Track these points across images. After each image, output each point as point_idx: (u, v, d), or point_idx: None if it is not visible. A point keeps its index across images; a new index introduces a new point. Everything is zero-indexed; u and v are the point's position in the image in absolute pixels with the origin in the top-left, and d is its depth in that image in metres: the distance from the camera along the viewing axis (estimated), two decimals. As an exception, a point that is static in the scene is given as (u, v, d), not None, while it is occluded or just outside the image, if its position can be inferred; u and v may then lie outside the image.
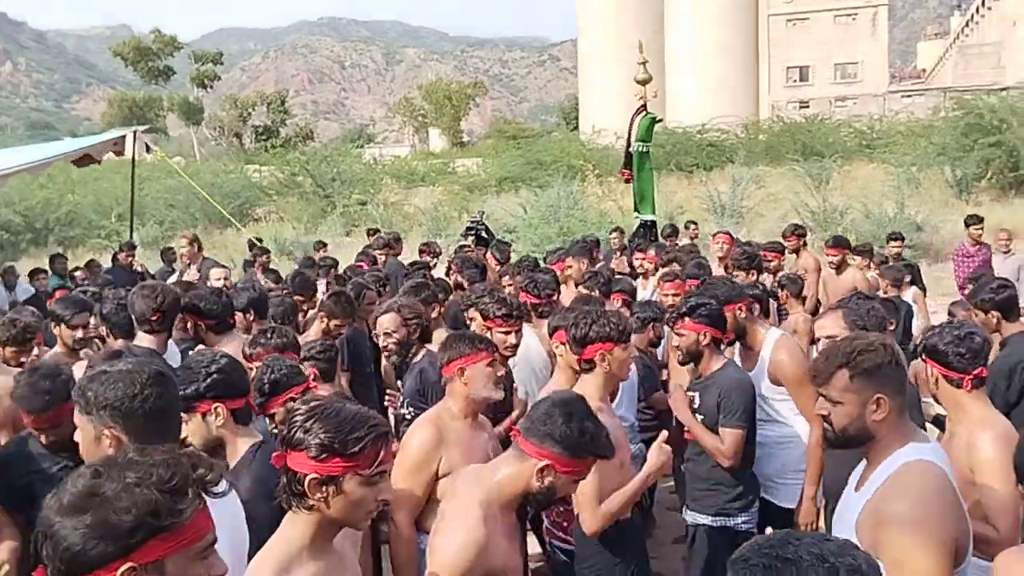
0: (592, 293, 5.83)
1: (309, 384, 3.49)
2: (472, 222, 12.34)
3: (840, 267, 8.21)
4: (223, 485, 1.64)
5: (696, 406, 4.03)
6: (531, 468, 2.52)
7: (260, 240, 11.76)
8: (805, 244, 9.04)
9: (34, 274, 10.52)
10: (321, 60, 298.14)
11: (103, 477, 1.54)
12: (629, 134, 10.66)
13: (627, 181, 10.99)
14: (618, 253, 10.69)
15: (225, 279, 7.93)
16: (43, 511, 1.53)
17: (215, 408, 2.81)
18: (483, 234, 11.65)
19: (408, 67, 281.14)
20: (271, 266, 9.92)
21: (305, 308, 6.58)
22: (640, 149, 10.46)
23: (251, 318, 5.36)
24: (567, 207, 19.79)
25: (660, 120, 11.54)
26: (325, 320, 5.33)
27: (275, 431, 3.25)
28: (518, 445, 2.57)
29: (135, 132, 11.42)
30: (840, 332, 3.62)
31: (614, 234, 11.63)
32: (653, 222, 10.64)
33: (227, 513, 2.23)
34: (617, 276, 6.99)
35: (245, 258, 11.87)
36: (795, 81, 56.91)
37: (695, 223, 13.16)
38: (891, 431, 2.46)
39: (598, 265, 8.19)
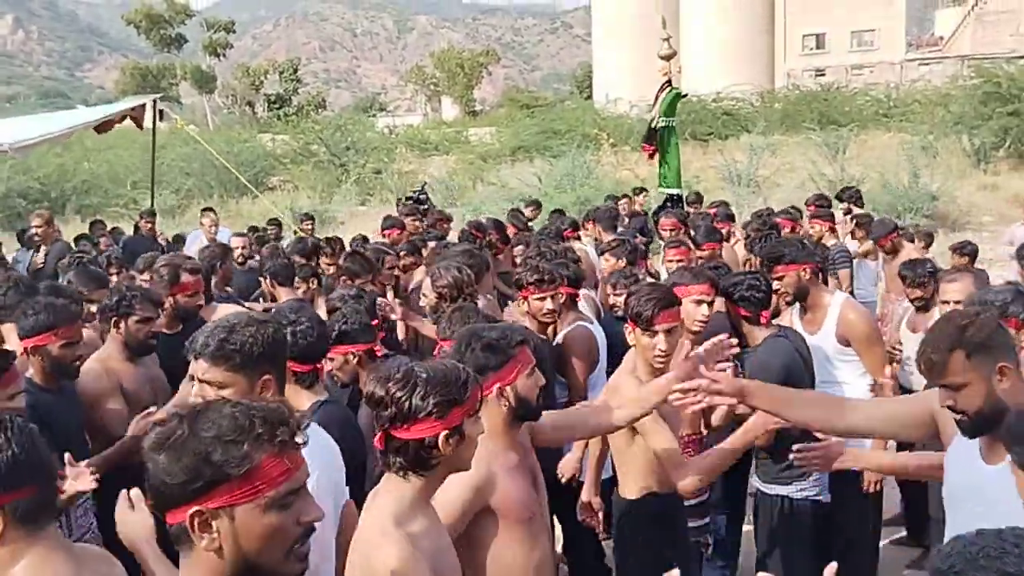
0: (620, 261, 5.83)
1: (373, 345, 3.59)
2: (414, 192, 12.39)
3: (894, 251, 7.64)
4: (302, 435, 1.67)
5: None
6: (490, 401, 2.60)
7: (277, 222, 11.75)
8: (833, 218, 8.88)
9: (78, 240, 10.57)
10: (332, 28, 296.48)
11: (183, 422, 1.61)
12: (653, 109, 10.69)
13: (650, 157, 10.98)
14: (627, 220, 10.75)
15: (243, 247, 8.05)
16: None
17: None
18: (426, 205, 11.74)
19: (420, 35, 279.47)
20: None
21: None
22: (665, 124, 10.49)
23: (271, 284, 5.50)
24: (582, 176, 19.80)
25: (685, 96, 11.54)
26: (348, 281, 5.40)
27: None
28: None
29: (155, 101, 11.47)
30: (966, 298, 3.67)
31: (624, 200, 11.67)
32: (679, 196, 10.68)
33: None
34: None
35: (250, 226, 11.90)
36: (811, 49, 56.26)
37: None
38: (1020, 394, 2.39)
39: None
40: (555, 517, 3.78)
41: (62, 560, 1.91)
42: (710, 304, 4.09)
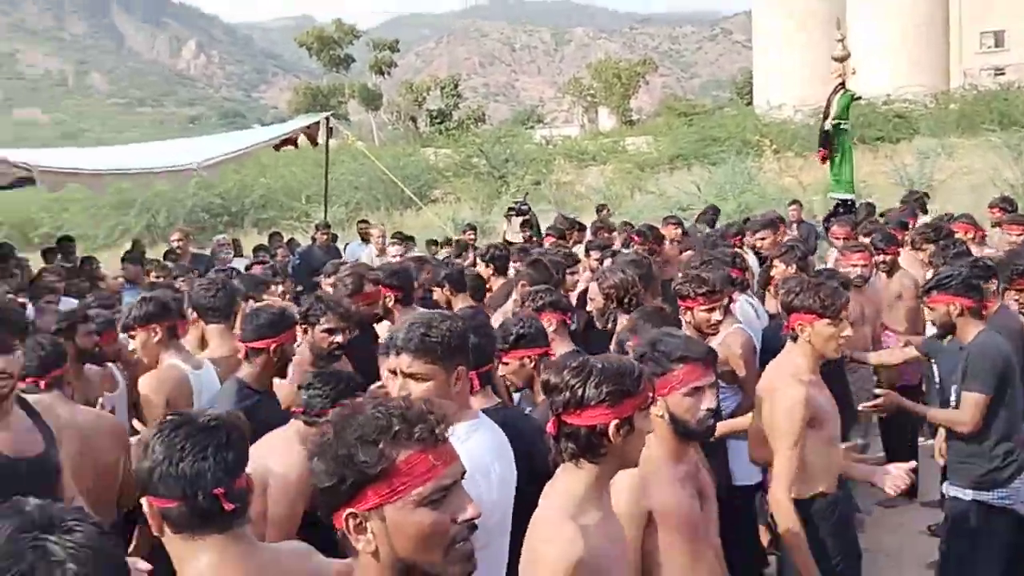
0: (790, 268, 5.70)
1: (548, 350, 3.67)
2: (516, 203, 12.19)
3: None
4: (446, 431, 1.65)
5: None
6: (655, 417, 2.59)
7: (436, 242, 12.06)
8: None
9: (256, 251, 11.25)
10: (491, 43, 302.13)
11: (332, 427, 1.65)
12: (826, 112, 10.40)
13: (824, 160, 10.68)
14: (795, 227, 10.47)
15: (401, 255, 8.37)
16: None
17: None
18: (528, 216, 11.58)
19: (577, 46, 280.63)
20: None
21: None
22: (838, 126, 10.20)
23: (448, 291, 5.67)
24: (743, 183, 19.41)
25: (859, 98, 11.17)
26: (524, 287, 5.51)
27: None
28: None
29: (327, 119, 12.05)
30: None
31: (792, 207, 11.39)
32: (852, 201, 10.35)
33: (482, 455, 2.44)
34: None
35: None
36: (990, 47, 53.04)
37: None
38: None
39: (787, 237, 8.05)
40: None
41: (233, 566, 1.95)
42: None
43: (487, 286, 6.18)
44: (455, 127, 49.78)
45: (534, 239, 10.43)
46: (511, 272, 6.88)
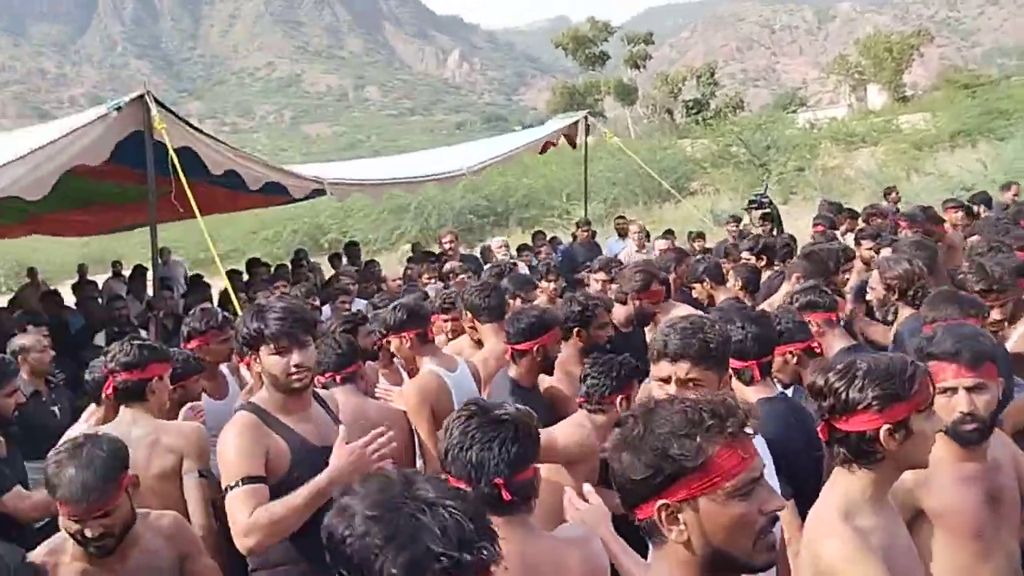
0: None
1: (811, 344, 3.61)
2: (756, 195, 11.47)
3: None
4: (751, 426, 1.69)
5: None
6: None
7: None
8: None
9: (520, 250, 11.66)
10: (749, 27, 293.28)
11: (638, 421, 1.72)
12: None
13: None
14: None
15: (665, 249, 8.34)
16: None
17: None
18: (768, 208, 10.89)
19: (842, 23, 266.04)
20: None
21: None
22: None
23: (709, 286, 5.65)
24: (1037, 158, 17.66)
25: None
26: (799, 280, 5.36)
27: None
28: None
29: (585, 117, 12.27)
30: None
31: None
32: None
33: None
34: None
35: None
36: None
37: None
38: None
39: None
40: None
41: (509, 550, 2.07)
42: None
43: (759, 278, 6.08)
44: (712, 116, 48.80)
45: (775, 232, 10.05)
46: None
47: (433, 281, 8.29)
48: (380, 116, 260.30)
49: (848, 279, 6.02)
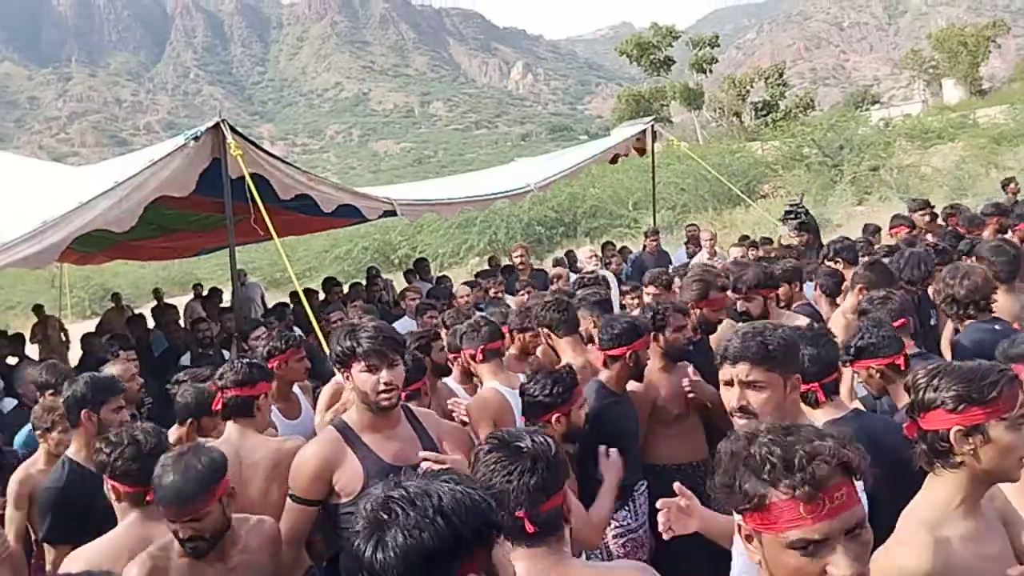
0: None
1: (895, 360, 3.55)
2: (791, 206, 11.14)
3: None
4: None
5: None
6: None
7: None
8: None
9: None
10: (817, 25, 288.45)
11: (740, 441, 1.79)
12: None
13: None
14: None
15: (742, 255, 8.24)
16: None
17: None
18: (804, 218, 10.56)
19: (913, 17, 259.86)
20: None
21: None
22: None
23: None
24: None
25: None
26: (863, 291, 5.27)
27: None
28: None
29: (652, 124, 12.22)
30: None
31: None
32: None
33: None
34: None
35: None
36: None
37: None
38: None
39: None
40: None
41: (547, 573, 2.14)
42: None
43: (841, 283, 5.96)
44: (782, 118, 48.08)
45: (811, 241, 9.84)
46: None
47: (501, 295, 8.38)
48: (446, 131, 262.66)
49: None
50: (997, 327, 4.22)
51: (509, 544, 2.13)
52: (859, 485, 1.68)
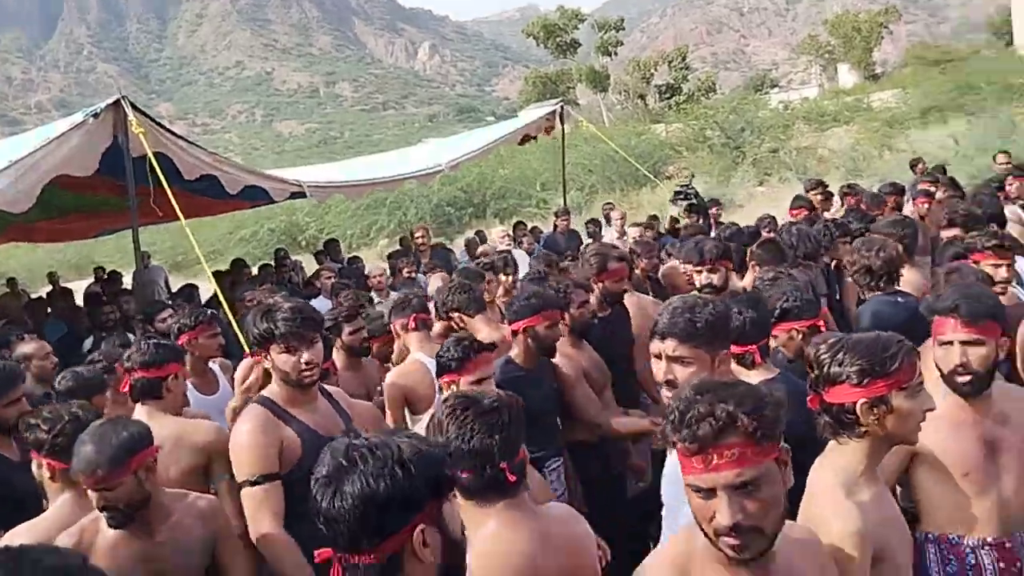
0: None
1: (817, 323, 3.69)
2: (681, 187, 11.55)
3: None
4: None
5: None
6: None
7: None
8: None
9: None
10: (718, 10, 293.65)
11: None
12: None
13: None
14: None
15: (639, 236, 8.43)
16: None
17: None
18: (693, 200, 10.96)
19: (810, 3, 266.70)
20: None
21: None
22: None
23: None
24: (1008, 133, 17.87)
25: None
26: (756, 268, 5.46)
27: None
28: None
29: (561, 106, 12.31)
30: None
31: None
32: None
33: None
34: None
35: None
36: None
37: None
38: None
39: None
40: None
41: (517, 529, 2.22)
42: None
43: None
44: (685, 100, 48.93)
45: (700, 222, 10.11)
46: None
47: (412, 274, 8.43)
48: (352, 112, 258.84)
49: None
50: (900, 299, 4.44)
51: (465, 500, 2.21)
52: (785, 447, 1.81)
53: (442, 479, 1.66)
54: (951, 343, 2.80)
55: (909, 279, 4.79)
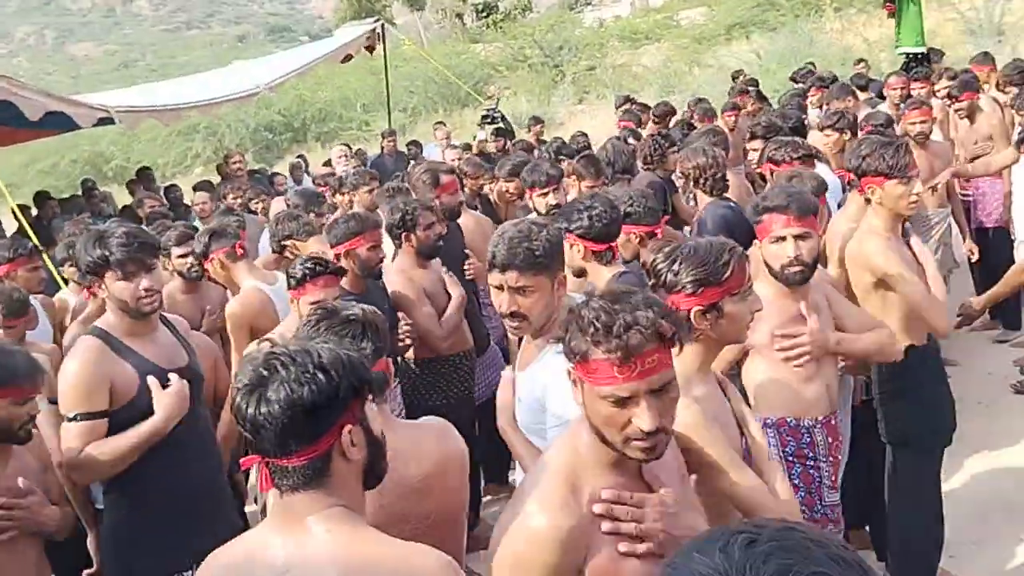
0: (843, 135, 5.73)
1: (655, 228, 3.90)
2: (488, 111, 11.82)
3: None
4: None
5: None
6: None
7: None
8: None
9: (326, 165, 11.42)
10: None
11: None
12: None
13: (891, 15, 10.44)
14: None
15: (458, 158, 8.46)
16: None
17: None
18: (500, 123, 11.27)
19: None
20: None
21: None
22: (904, -24, 9.95)
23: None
24: (804, 48, 18.92)
25: None
26: (577, 183, 5.61)
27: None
28: None
29: (382, 25, 12.08)
30: None
31: (860, 65, 11.18)
32: (923, 54, 10.09)
33: None
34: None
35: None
36: None
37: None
38: None
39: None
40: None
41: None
42: None
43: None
44: (503, 19, 48.75)
45: (508, 146, 10.32)
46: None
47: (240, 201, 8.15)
48: (153, 32, 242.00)
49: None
50: (732, 205, 4.80)
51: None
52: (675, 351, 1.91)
53: (363, 379, 1.72)
54: (784, 238, 3.02)
55: (732, 183, 5.14)
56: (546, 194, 5.09)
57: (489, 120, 11.23)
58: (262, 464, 1.70)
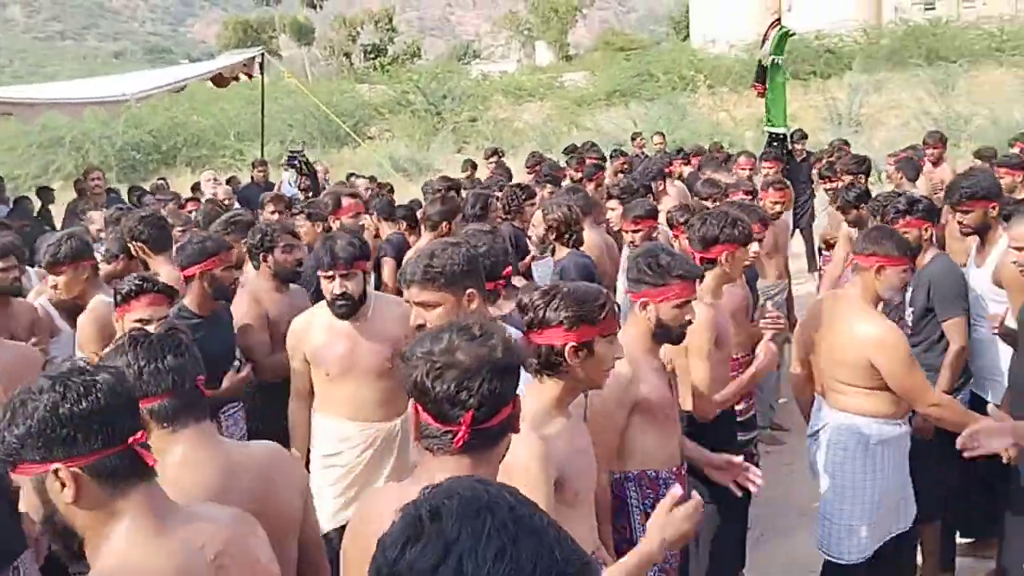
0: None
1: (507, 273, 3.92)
2: (291, 153, 11.99)
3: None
4: None
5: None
6: (639, 312, 3.01)
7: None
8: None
9: (193, 190, 11.07)
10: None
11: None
12: (763, 47, 10.76)
13: (760, 94, 11.05)
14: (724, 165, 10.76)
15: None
16: None
17: None
18: (303, 168, 11.39)
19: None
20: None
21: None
22: (773, 62, 10.55)
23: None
24: (677, 119, 19.70)
25: (794, 34, 11.50)
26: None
27: None
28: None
29: (262, 54, 11.91)
30: None
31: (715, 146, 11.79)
32: (784, 135, 10.68)
33: None
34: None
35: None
36: (920, -19, 53.72)
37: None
38: None
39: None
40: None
41: (207, 451, 2.17)
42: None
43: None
44: (390, 63, 49.03)
45: (311, 191, 10.43)
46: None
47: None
48: (24, 39, 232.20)
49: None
50: (588, 256, 5.10)
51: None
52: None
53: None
54: (688, 303, 3.07)
55: (590, 238, 5.41)
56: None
57: (294, 162, 11.17)
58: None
